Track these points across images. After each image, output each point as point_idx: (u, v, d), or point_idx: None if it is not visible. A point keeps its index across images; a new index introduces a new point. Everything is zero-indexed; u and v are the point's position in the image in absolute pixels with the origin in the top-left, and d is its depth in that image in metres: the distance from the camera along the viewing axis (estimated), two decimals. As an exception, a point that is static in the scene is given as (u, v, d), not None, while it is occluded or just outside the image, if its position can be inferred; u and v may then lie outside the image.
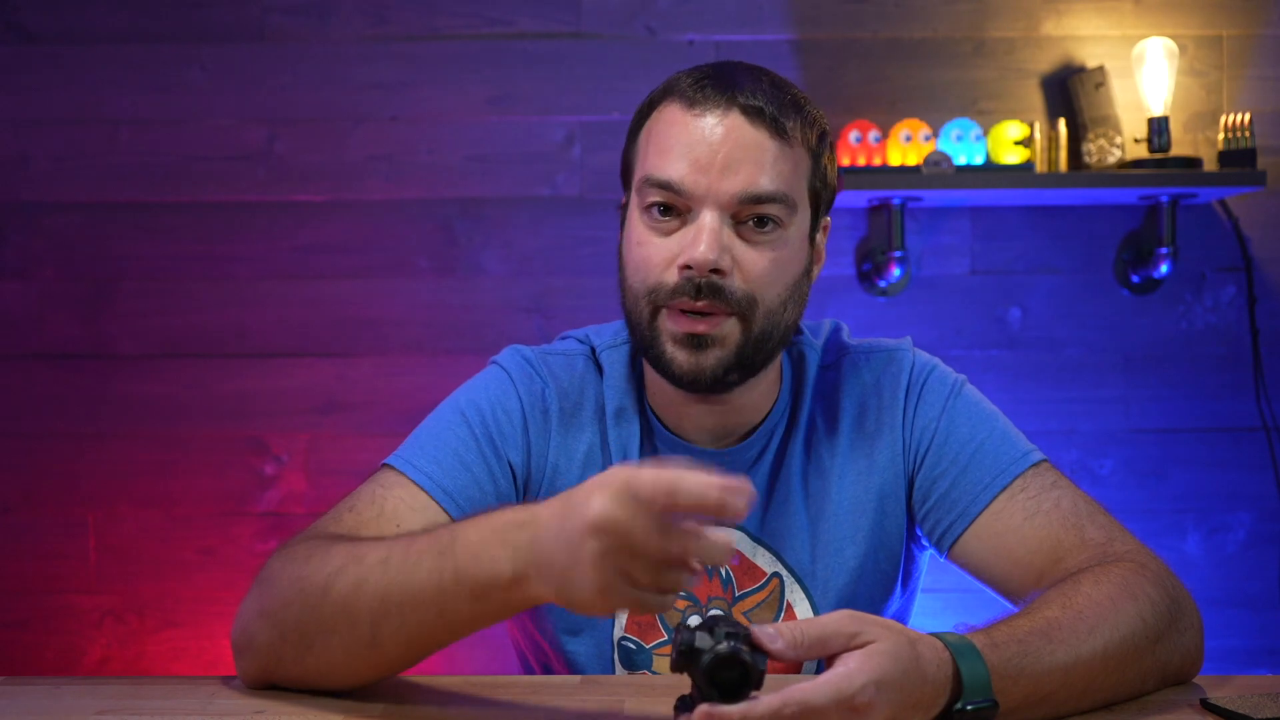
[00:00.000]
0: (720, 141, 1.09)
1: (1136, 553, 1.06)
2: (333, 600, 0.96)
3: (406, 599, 0.93)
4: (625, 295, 1.16)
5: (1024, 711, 0.91)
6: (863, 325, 2.43)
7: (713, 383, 1.12)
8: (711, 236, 1.08)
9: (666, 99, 1.14)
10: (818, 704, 0.81)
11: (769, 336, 1.13)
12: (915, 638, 0.87)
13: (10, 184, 2.46)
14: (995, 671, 0.88)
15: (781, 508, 1.20)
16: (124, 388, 2.46)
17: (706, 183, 1.09)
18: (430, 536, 0.95)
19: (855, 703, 0.82)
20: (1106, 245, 2.48)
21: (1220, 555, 2.48)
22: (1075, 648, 0.93)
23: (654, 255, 1.11)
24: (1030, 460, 1.15)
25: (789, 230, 1.12)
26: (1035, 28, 2.48)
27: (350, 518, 1.11)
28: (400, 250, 2.46)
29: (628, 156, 1.19)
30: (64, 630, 2.46)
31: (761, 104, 1.10)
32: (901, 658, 0.84)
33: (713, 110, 1.10)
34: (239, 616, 1.05)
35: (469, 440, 1.17)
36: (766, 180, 1.10)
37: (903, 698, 0.84)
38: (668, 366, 1.12)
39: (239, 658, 1.04)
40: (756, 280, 1.10)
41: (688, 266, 1.09)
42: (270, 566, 1.05)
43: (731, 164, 1.09)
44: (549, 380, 1.22)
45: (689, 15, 2.46)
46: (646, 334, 1.13)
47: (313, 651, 0.98)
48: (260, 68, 2.46)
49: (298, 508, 2.44)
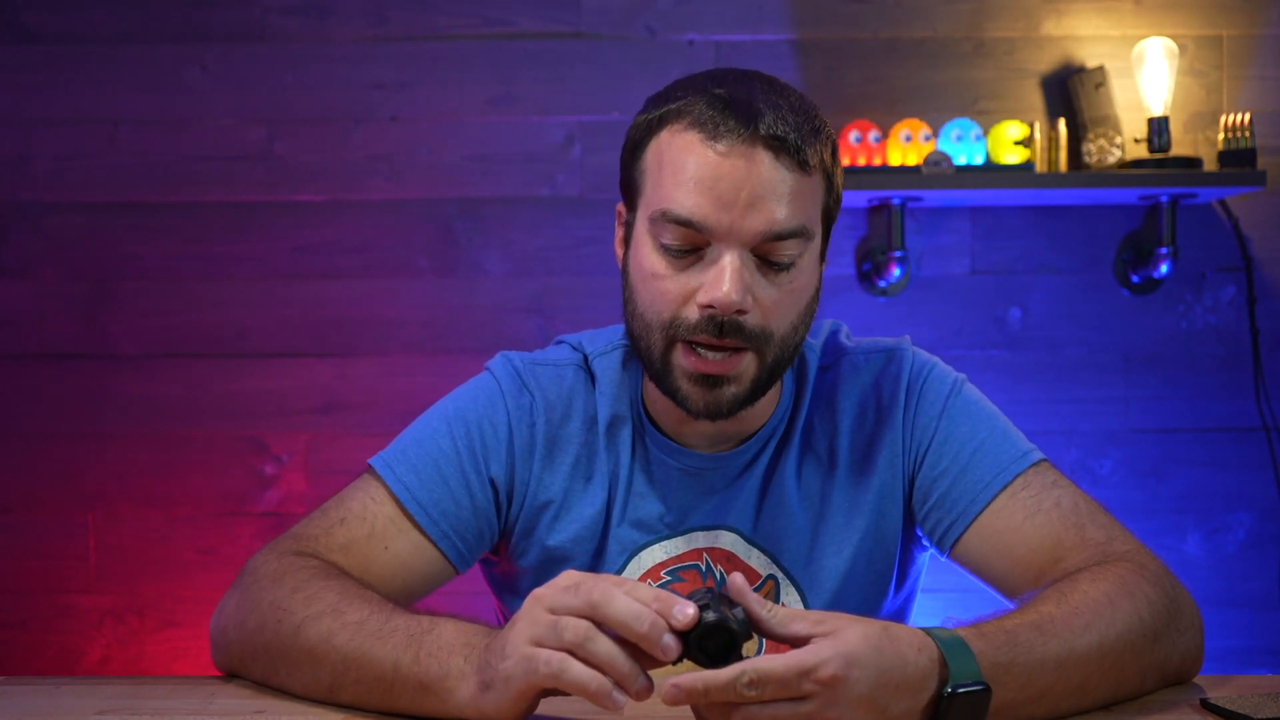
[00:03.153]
0: (744, 179, 1.05)
1: (1136, 553, 1.06)
2: (302, 644, 0.99)
3: (366, 667, 0.96)
4: (634, 319, 1.13)
5: (1024, 708, 0.91)
6: (863, 325, 2.43)
7: (727, 414, 1.12)
8: (735, 277, 1.05)
9: (680, 122, 1.08)
10: (775, 673, 0.81)
11: (782, 362, 1.13)
12: (889, 625, 0.87)
13: (10, 184, 2.46)
14: (983, 659, 0.88)
15: (776, 510, 1.20)
16: (124, 388, 2.46)
17: (729, 221, 1.05)
18: (411, 617, 0.98)
19: (820, 675, 0.81)
20: (1106, 245, 2.48)
21: (1220, 555, 2.48)
22: (1069, 642, 0.93)
23: (671, 290, 1.09)
24: (1030, 459, 1.15)
25: (804, 259, 1.11)
26: (1035, 28, 2.48)
27: (341, 531, 1.13)
28: (400, 250, 2.46)
29: (632, 172, 1.14)
30: (64, 630, 2.46)
31: (784, 133, 1.06)
32: (872, 637, 0.84)
33: (735, 145, 1.05)
34: (220, 611, 1.09)
35: (451, 453, 1.18)
36: (788, 216, 1.06)
37: (881, 678, 0.83)
38: (683, 402, 1.12)
39: (214, 649, 1.09)
40: (772, 314, 1.09)
41: (710, 306, 1.06)
42: (258, 571, 1.08)
43: (755, 202, 1.05)
44: (537, 394, 1.22)
45: (689, 15, 2.46)
46: (659, 366, 1.12)
47: (277, 676, 1.02)
48: (260, 68, 2.46)
49: (298, 508, 2.44)
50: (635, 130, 1.13)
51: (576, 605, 0.85)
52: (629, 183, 1.14)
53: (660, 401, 1.19)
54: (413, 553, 1.14)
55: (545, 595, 0.87)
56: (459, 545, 1.16)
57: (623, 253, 1.16)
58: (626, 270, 1.15)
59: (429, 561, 1.15)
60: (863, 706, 0.83)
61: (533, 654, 0.85)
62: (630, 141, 1.14)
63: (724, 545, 1.19)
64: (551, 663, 0.84)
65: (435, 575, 1.16)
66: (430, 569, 1.16)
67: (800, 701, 0.82)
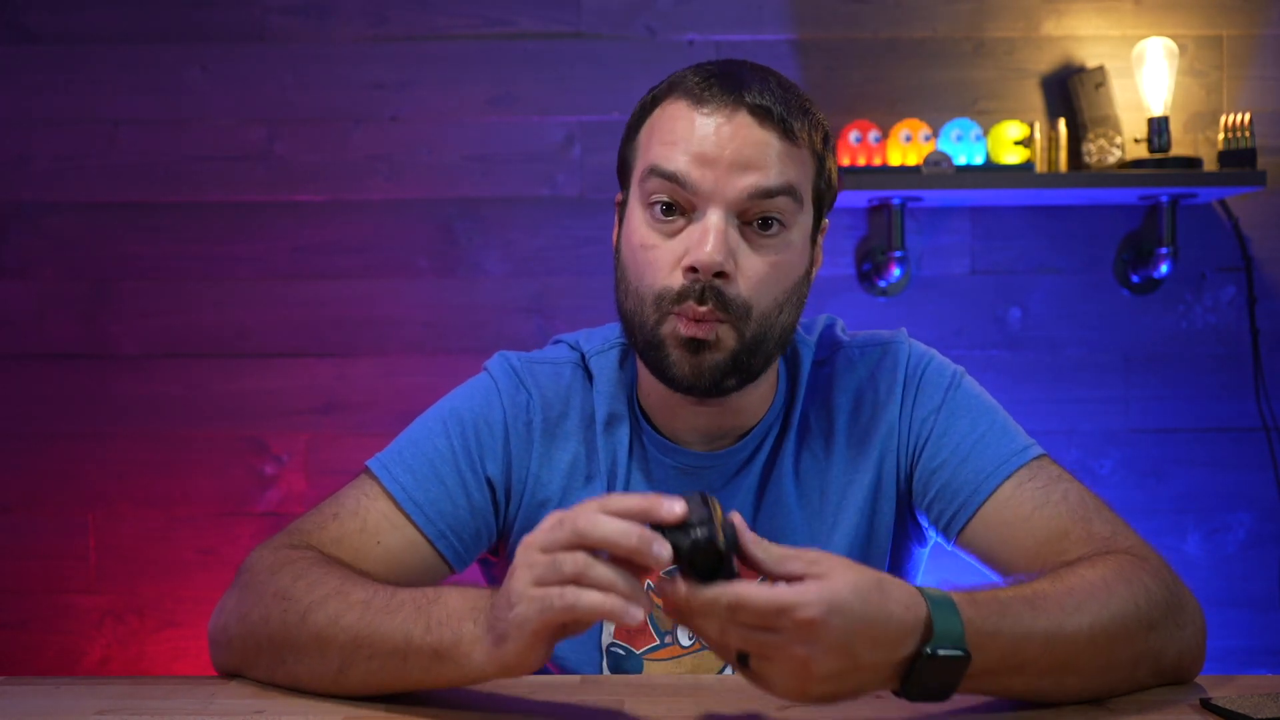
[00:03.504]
0: (728, 139, 1.08)
1: (1139, 548, 1.06)
2: (309, 629, 0.98)
3: (376, 643, 0.95)
4: (626, 296, 1.14)
5: (1000, 677, 0.91)
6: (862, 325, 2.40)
7: (710, 386, 1.11)
8: (718, 237, 1.07)
9: (671, 95, 1.12)
10: (755, 604, 0.82)
11: (764, 340, 1.12)
12: (885, 577, 0.87)
13: (10, 184, 2.46)
14: (970, 625, 0.88)
15: (774, 508, 1.20)
16: (124, 388, 2.46)
17: (714, 178, 1.07)
18: (416, 591, 0.97)
19: (798, 616, 0.82)
20: (1106, 245, 2.48)
21: (1220, 555, 2.48)
22: (1059, 619, 0.93)
23: (659, 258, 1.10)
24: (1032, 453, 1.15)
25: (792, 232, 1.11)
26: (1035, 28, 2.48)
27: (334, 526, 1.13)
28: (400, 250, 2.46)
29: (626, 153, 1.17)
30: (64, 630, 2.46)
31: (769, 104, 1.09)
32: (862, 589, 0.84)
33: (720, 108, 1.09)
34: (219, 610, 1.07)
35: (447, 452, 1.18)
36: (774, 176, 1.08)
37: (860, 629, 0.84)
38: (670, 369, 1.11)
39: (214, 649, 1.08)
40: (755, 285, 1.09)
41: (693, 269, 1.07)
42: (255, 567, 1.07)
43: (739, 161, 1.08)
44: (533, 391, 1.22)
45: (689, 15, 2.46)
46: (650, 337, 1.12)
47: (284, 667, 1.01)
48: (260, 68, 2.46)
49: (298, 508, 2.44)
50: (632, 117, 1.17)
51: (565, 538, 0.85)
52: (624, 164, 1.18)
53: (656, 399, 1.19)
54: (407, 549, 1.14)
55: (534, 538, 0.88)
56: (455, 544, 1.16)
57: (616, 235, 1.18)
58: (619, 251, 1.16)
59: (423, 559, 1.15)
60: (834, 652, 0.83)
61: (542, 594, 0.85)
62: (627, 129, 1.18)
63: None
64: (565, 596, 0.84)
65: (430, 573, 1.16)
66: (425, 566, 1.15)
67: (774, 633, 0.83)
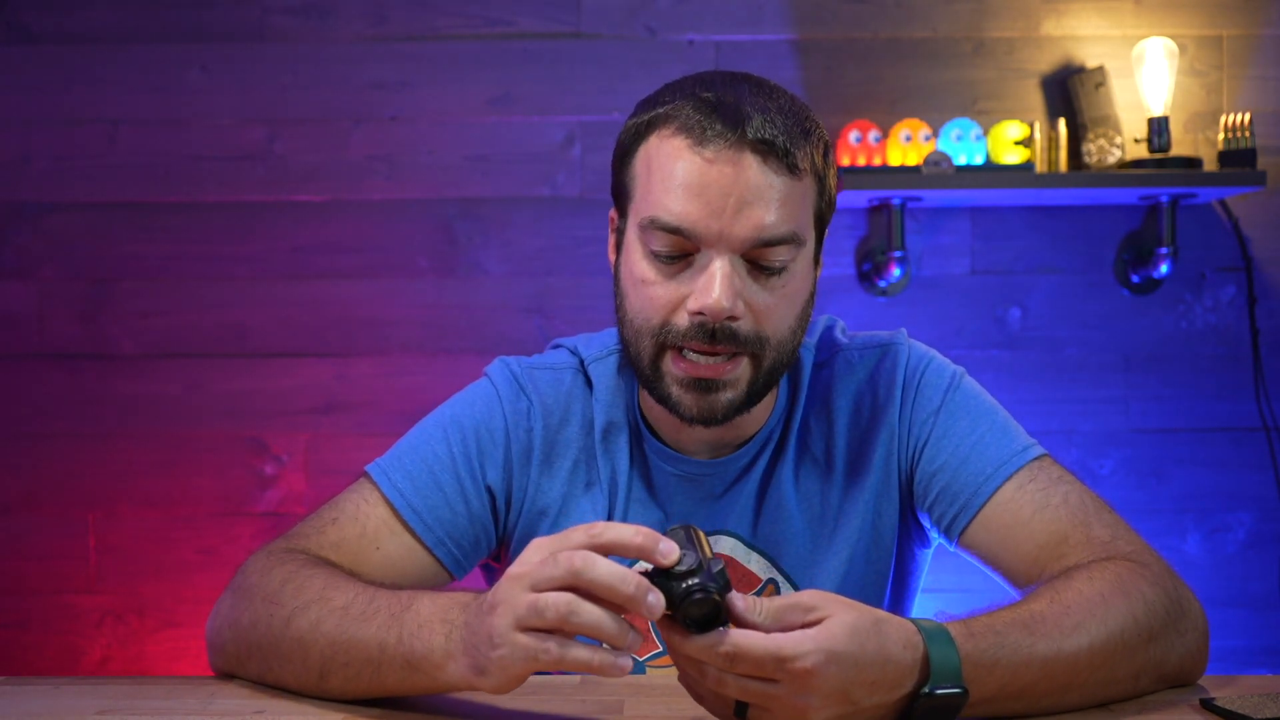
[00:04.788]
0: (732, 184, 1.04)
1: (1139, 552, 1.06)
2: (291, 634, 1.00)
3: (352, 651, 0.96)
4: (625, 327, 1.13)
5: (1001, 703, 0.91)
6: (862, 325, 2.41)
7: (721, 420, 1.11)
8: (725, 283, 1.05)
9: (668, 127, 1.08)
10: (751, 653, 0.81)
11: (779, 366, 1.12)
12: (883, 618, 0.86)
13: (10, 184, 2.46)
14: (968, 659, 0.88)
15: (775, 513, 1.19)
16: (124, 388, 2.46)
17: (719, 227, 1.05)
18: (393, 596, 0.97)
19: (794, 667, 0.81)
20: (1106, 245, 2.48)
21: (1220, 555, 2.48)
22: (1057, 641, 0.93)
23: (660, 296, 1.08)
24: (1032, 454, 1.14)
25: (797, 263, 1.10)
26: (1035, 28, 2.47)
27: (334, 530, 1.13)
28: (400, 250, 2.46)
29: (622, 177, 1.13)
30: (64, 630, 2.46)
31: (773, 137, 1.05)
32: (860, 633, 0.84)
33: (722, 150, 1.04)
34: (215, 613, 1.09)
35: (447, 459, 1.17)
36: (778, 221, 1.06)
37: (859, 674, 0.83)
38: (675, 407, 1.11)
39: (211, 652, 1.10)
40: (767, 319, 1.08)
41: (700, 313, 1.06)
42: (250, 571, 1.08)
43: (744, 207, 1.04)
44: (534, 398, 1.21)
45: (689, 15, 2.46)
46: (649, 373, 1.11)
47: (271, 672, 1.03)
48: (260, 68, 2.46)
49: (298, 508, 2.44)
50: (624, 135, 1.13)
51: (559, 576, 0.84)
52: (619, 189, 1.14)
53: (656, 407, 1.18)
54: (405, 555, 1.14)
55: (525, 574, 0.86)
56: (454, 551, 1.16)
57: (615, 258, 1.16)
58: (618, 275, 1.14)
59: (422, 565, 1.15)
60: (833, 699, 0.83)
61: (526, 643, 0.85)
62: (619, 147, 1.14)
63: (723, 550, 1.19)
64: (551, 652, 0.84)
65: (429, 579, 1.16)
66: (424, 573, 1.15)
67: (771, 683, 0.83)
